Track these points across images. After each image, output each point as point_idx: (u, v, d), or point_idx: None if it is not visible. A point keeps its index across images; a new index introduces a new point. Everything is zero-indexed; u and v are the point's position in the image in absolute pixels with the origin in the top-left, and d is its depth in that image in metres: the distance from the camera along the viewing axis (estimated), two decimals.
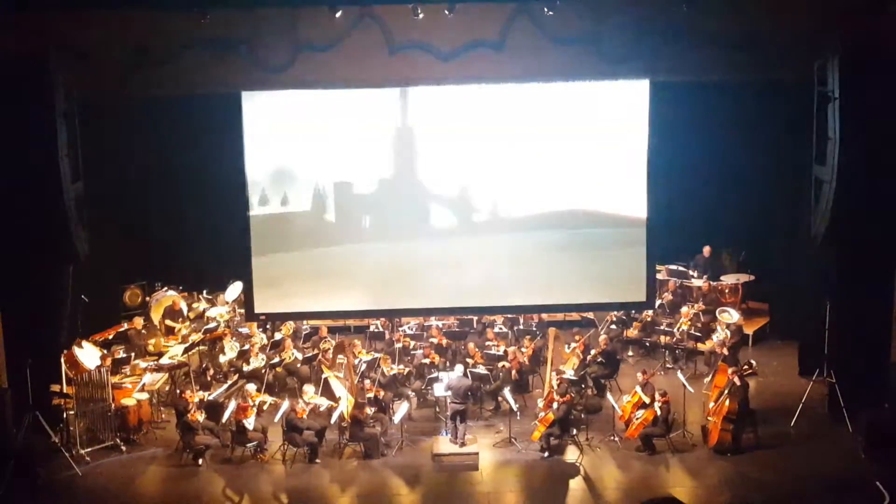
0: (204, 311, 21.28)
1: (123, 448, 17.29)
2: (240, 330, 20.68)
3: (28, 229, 16.54)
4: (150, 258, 22.09)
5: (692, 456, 16.82)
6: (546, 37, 17.60)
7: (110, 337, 19.66)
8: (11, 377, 16.58)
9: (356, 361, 18.75)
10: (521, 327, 20.46)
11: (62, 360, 17.23)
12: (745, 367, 17.62)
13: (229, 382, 18.54)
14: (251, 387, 17.60)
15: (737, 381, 16.86)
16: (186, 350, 19.56)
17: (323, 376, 18.47)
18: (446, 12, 16.79)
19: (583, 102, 18.75)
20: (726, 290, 21.84)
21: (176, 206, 21.73)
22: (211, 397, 17.68)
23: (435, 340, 19.54)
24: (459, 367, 17.98)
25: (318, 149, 18.84)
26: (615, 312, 20.95)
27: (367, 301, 19.54)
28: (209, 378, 18.83)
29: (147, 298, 21.65)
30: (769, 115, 20.22)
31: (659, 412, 16.80)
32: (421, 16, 16.90)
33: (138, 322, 20.25)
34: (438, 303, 19.72)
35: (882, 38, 16.13)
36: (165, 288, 21.51)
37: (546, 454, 16.84)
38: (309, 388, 17.47)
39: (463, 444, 17.02)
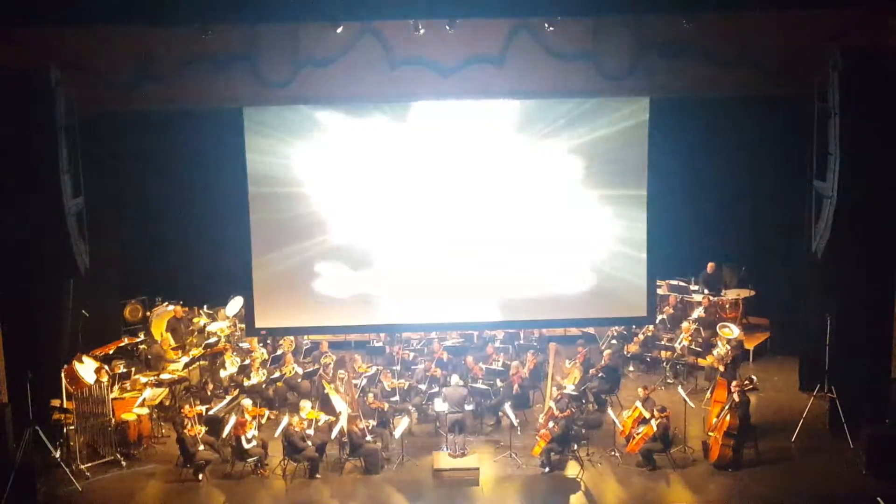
0: (204, 325, 21.26)
1: (123, 463, 17.27)
2: (240, 345, 20.66)
3: (28, 244, 16.52)
4: (150, 273, 22.12)
5: (693, 471, 16.80)
6: (546, 52, 17.66)
7: (111, 352, 19.68)
8: (12, 392, 16.55)
9: (356, 379, 18.75)
10: (522, 342, 20.44)
11: (62, 374, 17.24)
12: (746, 382, 17.59)
13: (229, 398, 18.50)
14: (247, 402, 17.58)
15: (736, 396, 16.84)
16: (187, 365, 19.57)
17: (323, 391, 18.46)
18: (447, 28, 16.83)
19: (583, 118, 18.80)
20: (727, 306, 21.83)
21: (177, 220, 21.77)
22: (211, 412, 17.68)
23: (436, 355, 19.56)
24: (455, 377, 17.98)
25: (320, 165, 18.85)
26: (616, 327, 20.94)
27: (368, 316, 19.54)
28: (209, 393, 18.80)
29: (147, 313, 21.63)
30: (769, 131, 20.29)
31: (658, 428, 16.77)
32: (422, 31, 16.95)
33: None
34: (439, 318, 19.74)
35: (882, 53, 16.15)
36: (166, 303, 21.50)
37: (547, 469, 16.81)
38: (306, 404, 17.43)
39: (463, 455, 17.01)
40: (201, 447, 16.82)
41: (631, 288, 19.39)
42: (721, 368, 18.61)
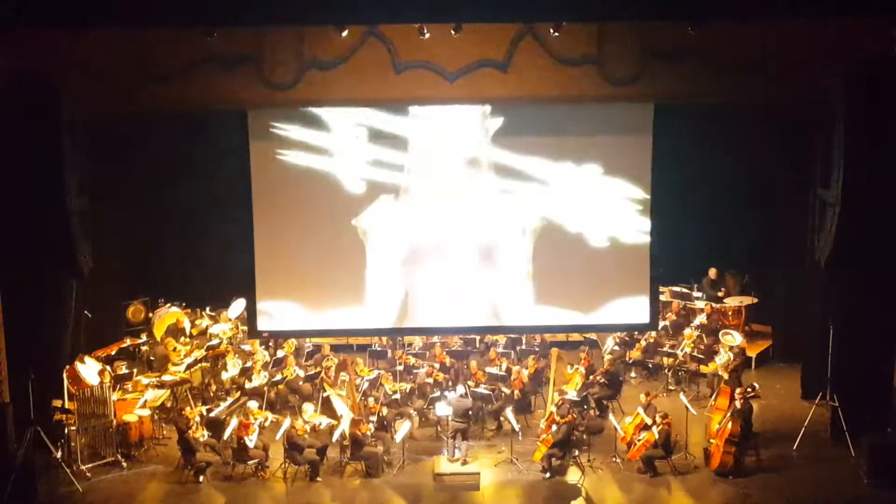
0: (207, 327, 21.26)
1: (124, 464, 17.26)
2: (242, 347, 20.66)
3: (32, 243, 16.56)
4: (153, 274, 22.14)
5: (694, 478, 16.77)
6: (551, 58, 17.65)
7: (113, 353, 19.69)
8: (13, 392, 16.54)
9: (358, 381, 18.74)
10: (524, 347, 20.43)
11: (64, 375, 17.24)
12: (748, 389, 17.57)
13: (231, 399, 18.50)
14: (253, 404, 17.56)
15: (738, 404, 16.83)
16: (189, 367, 19.57)
17: (325, 394, 18.45)
18: (452, 32, 16.83)
19: (587, 123, 18.80)
20: (729, 313, 21.82)
21: (180, 222, 21.78)
22: (212, 414, 17.67)
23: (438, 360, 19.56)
24: (460, 388, 17.95)
25: (324, 167, 18.85)
26: (618, 333, 20.92)
27: (370, 320, 19.53)
28: (211, 395, 18.78)
29: (150, 314, 21.64)
30: (774, 138, 20.28)
31: (660, 434, 16.76)
32: (427, 35, 16.95)
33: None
34: (441, 322, 19.73)
35: (887, 62, 16.15)
36: (168, 304, 21.51)
37: (547, 475, 16.78)
38: (308, 407, 17.44)
39: (464, 463, 17.00)
40: (202, 449, 16.82)
41: (634, 294, 19.37)
42: (725, 376, 18.58)
